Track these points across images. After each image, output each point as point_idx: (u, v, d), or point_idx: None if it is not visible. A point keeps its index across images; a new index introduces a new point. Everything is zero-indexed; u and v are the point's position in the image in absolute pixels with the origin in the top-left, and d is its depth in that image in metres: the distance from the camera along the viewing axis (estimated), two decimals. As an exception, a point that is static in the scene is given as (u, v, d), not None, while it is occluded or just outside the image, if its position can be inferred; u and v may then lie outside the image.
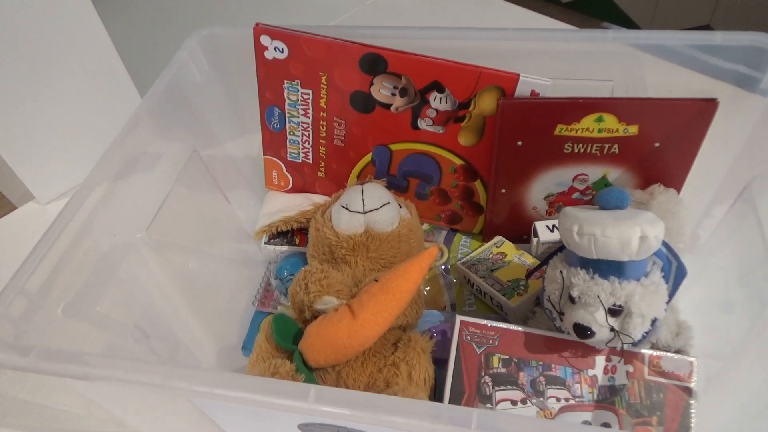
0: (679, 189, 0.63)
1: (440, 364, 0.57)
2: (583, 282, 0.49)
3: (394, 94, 0.64)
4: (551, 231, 0.66)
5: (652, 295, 0.49)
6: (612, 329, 0.50)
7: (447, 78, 0.61)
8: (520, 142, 0.63)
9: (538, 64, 0.60)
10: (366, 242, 0.62)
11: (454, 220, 0.75)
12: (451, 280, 0.71)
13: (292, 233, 0.74)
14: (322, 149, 0.72)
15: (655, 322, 0.50)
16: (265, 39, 0.64)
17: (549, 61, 0.61)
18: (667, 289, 0.50)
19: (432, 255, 0.55)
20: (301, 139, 0.72)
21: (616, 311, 0.49)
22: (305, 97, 0.67)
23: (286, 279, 0.71)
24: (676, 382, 0.51)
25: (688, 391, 0.51)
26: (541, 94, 0.60)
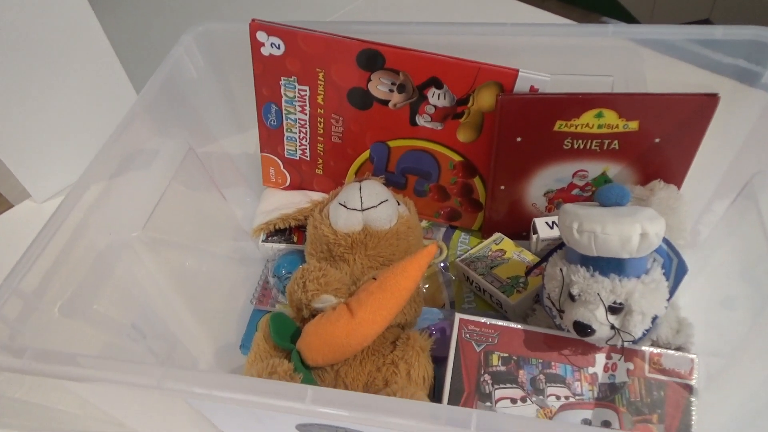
0: (680, 185, 0.63)
1: (439, 362, 0.57)
2: (583, 279, 0.49)
3: (392, 91, 0.64)
4: (551, 228, 0.66)
5: (653, 293, 0.48)
6: (612, 327, 0.49)
7: (445, 74, 0.61)
8: (519, 139, 0.62)
9: (538, 59, 0.60)
10: (364, 240, 0.61)
11: (453, 217, 0.75)
12: (450, 277, 0.71)
13: (290, 231, 0.74)
14: (319, 146, 0.72)
15: (655, 320, 0.50)
16: (261, 35, 0.63)
17: (548, 56, 0.61)
18: (668, 286, 0.50)
19: (431, 253, 0.54)
20: (299, 136, 0.71)
21: (616, 309, 0.49)
22: (302, 93, 0.67)
23: (284, 277, 0.70)
24: (676, 379, 0.51)
25: (689, 388, 0.51)
26: (541, 90, 0.59)
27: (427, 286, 0.70)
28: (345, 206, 0.62)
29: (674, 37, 0.59)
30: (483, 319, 0.55)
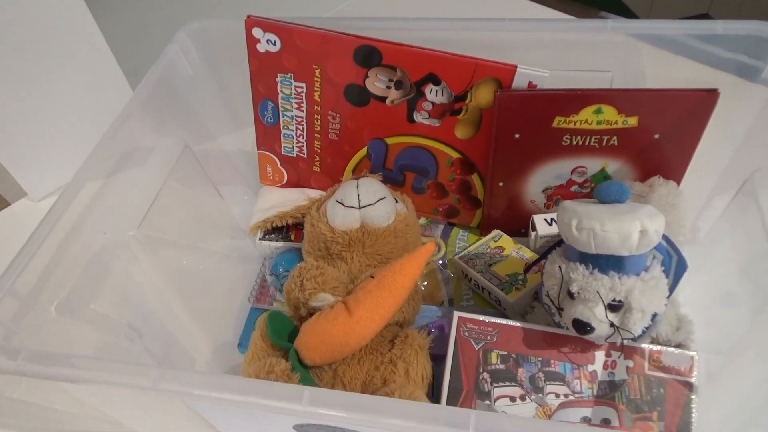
0: (679, 181, 0.63)
1: (438, 360, 0.57)
2: (583, 277, 0.49)
3: (389, 87, 0.63)
4: (549, 224, 0.66)
5: (653, 290, 0.48)
6: (612, 325, 0.49)
7: (443, 70, 0.61)
8: (517, 135, 0.62)
9: (536, 55, 0.59)
10: (362, 238, 0.61)
11: (451, 214, 0.74)
12: (448, 274, 0.71)
13: (287, 229, 0.73)
14: (316, 143, 0.71)
15: (655, 317, 0.50)
16: (257, 31, 0.62)
17: (547, 52, 0.61)
18: (668, 283, 0.50)
19: (429, 250, 0.54)
20: (296, 133, 0.71)
21: (615, 306, 0.49)
22: (299, 90, 0.66)
23: (282, 275, 0.70)
24: (676, 376, 0.51)
25: (689, 385, 0.51)
26: (539, 86, 0.59)
27: (425, 283, 0.70)
28: (342, 204, 0.61)
29: (674, 32, 0.59)
30: (482, 317, 0.55)
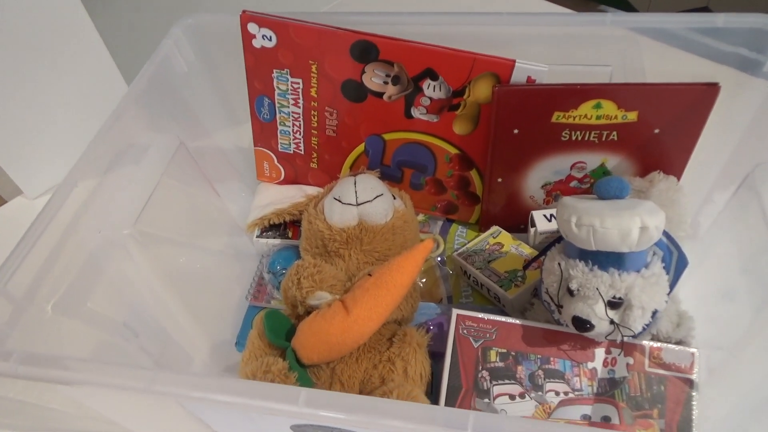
0: (680, 176, 0.63)
1: (437, 357, 0.56)
2: (582, 274, 0.48)
3: (386, 83, 0.63)
4: (549, 220, 0.65)
5: (653, 287, 0.48)
6: (612, 322, 0.49)
7: (440, 65, 0.60)
8: (516, 130, 0.62)
9: (535, 49, 0.59)
10: (359, 235, 0.61)
11: (449, 210, 0.74)
12: (447, 271, 0.70)
13: (285, 226, 0.73)
14: (313, 140, 0.71)
15: (655, 314, 0.49)
16: (252, 27, 0.62)
17: (545, 46, 0.60)
18: (668, 279, 0.49)
19: (427, 248, 0.54)
20: (292, 130, 0.70)
21: (615, 304, 0.48)
22: (295, 86, 0.66)
23: (279, 273, 0.69)
24: (677, 373, 0.51)
25: (690, 382, 0.50)
26: (538, 81, 0.58)
27: (424, 280, 0.70)
28: (340, 201, 0.61)
29: (673, 25, 0.59)
30: (481, 315, 0.54)
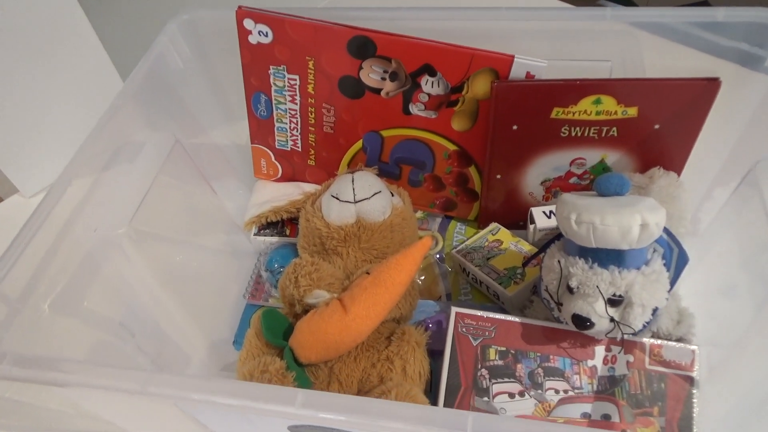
0: (680, 172, 0.62)
1: (436, 355, 0.56)
2: (582, 272, 0.48)
3: (384, 79, 0.62)
4: (548, 217, 0.65)
5: (653, 284, 0.47)
6: (612, 320, 0.48)
7: (438, 61, 0.59)
8: (515, 126, 0.61)
9: (533, 44, 0.58)
10: (357, 233, 0.60)
11: (448, 207, 0.73)
12: (446, 269, 0.70)
13: (283, 224, 0.72)
14: (311, 136, 0.70)
15: (656, 311, 0.49)
16: (248, 22, 0.61)
17: (544, 41, 0.60)
18: (669, 277, 0.49)
19: (425, 246, 0.53)
20: (289, 127, 0.70)
21: (616, 301, 0.48)
22: (292, 82, 0.65)
23: (277, 271, 0.69)
24: (677, 371, 0.50)
25: (690, 380, 0.50)
26: (537, 76, 0.58)
27: (422, 278, 0.69)
28: (337, 198, 0.60)
29: (673, 19, 0.58)
30: (480, 313, 0.54)
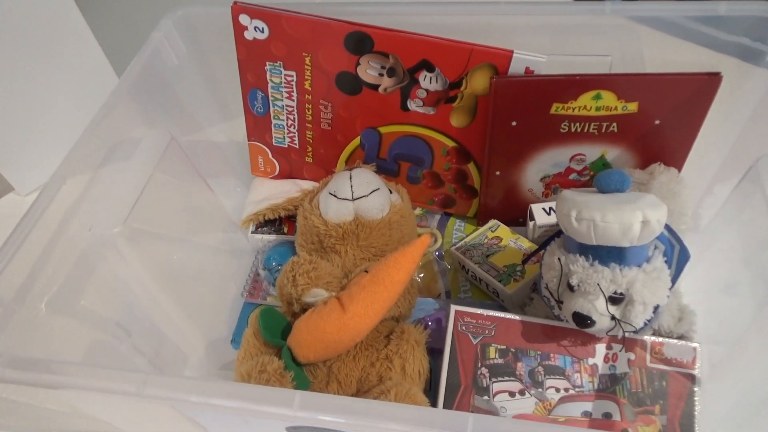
0: (681, 168, 0.62)
1: (435, 354, 0.56)
2: (583, 269, 0.47)
3: (381, 75, 0.62)
4: (548, 214, 0.64)
5: (655, 282, 0.47)
6: (613, 318, 0.48)
7: (437, 56, 0.59)
8: (514, 122, 0.61)
9: (533, 39, 0.58)
10: (356, 230, 0.60)
11: (447, 203, 0.73)
12: (445, 266, 0.69)
13: (280, 221, 0.72)
14: (308, 133, 0.69)
15: (657, 309, 0.48)
16: (244, 18, 0.61)
17: (544, 36, 0.60)
18: (670, 274, 0.48)
19: (424, 244, 0.53)
20: (287, 123, 0.69)
21: (617, 299, 0.47)
22: (289, 79, 0.64)
23: (275, 269, 0.69)
24: (679, 369, 0.50)
25: (692, 378, 0.50)
26: (536, 72, 0.58)
27: (421, 275, 0.69)
28: (335, 196, 0.60)
29: (674, 14, 0.58)
30: (479, 311, 0.54)
